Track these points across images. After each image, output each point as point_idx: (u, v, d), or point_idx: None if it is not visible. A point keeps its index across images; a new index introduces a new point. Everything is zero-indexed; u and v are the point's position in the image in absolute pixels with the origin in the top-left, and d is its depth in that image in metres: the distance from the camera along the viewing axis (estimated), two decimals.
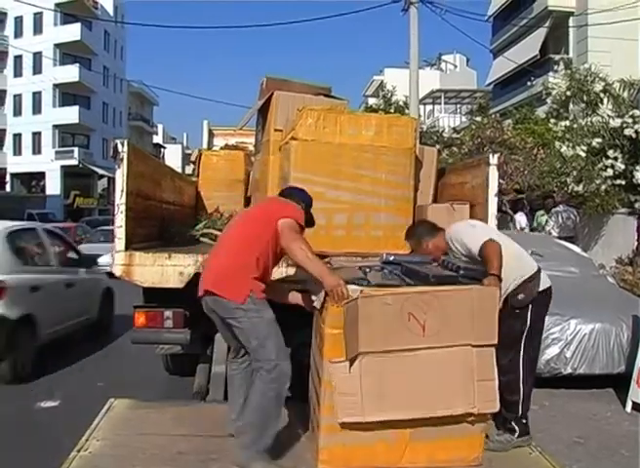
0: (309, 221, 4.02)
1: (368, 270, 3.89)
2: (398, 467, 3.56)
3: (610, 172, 11.75)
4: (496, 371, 3.55)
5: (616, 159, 11.69)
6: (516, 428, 4.11)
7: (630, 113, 11.54)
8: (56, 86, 47.09)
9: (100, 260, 9.19)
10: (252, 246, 3.70)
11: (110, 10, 50.59)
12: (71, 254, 9.09)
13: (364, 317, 3.34)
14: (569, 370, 6.39)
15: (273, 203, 4.16)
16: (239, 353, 3.98)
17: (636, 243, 11.79)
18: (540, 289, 4.10)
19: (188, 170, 29.97)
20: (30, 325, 6.96)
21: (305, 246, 3.57)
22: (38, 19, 46.81)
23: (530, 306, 4.05)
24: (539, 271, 4.14)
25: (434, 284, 3.49)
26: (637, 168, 11.45)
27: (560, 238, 10.51)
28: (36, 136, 48.12)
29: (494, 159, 4.79)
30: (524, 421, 4.15)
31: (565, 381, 6.46)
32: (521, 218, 13.47)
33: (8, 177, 46.78)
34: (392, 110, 24.84)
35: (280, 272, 4.39)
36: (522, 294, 4.01)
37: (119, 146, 4.54)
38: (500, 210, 5.08)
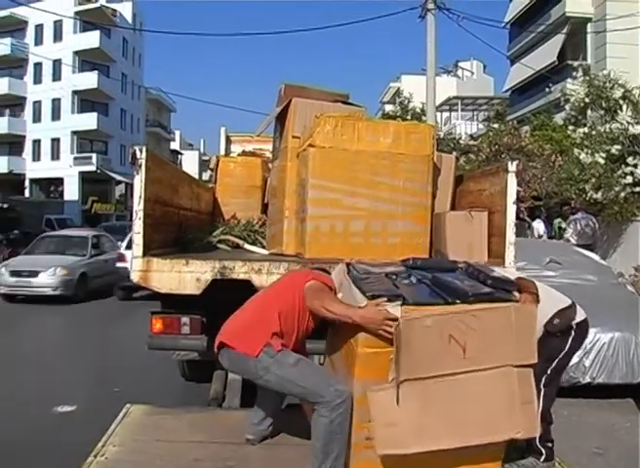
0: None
1: (395, 277, 3.69)
2: None
3: (629, 179, 11.66)
4: (535, 393, 3.42)
5: (635, 166, 11.61)
6: (543, 451, 4.03)
7: None
8: (75, 93, 47.53)
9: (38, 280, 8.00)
10: (274, 302, 3.61)
11: (129, 17, 51.04)
12: None
13: (405, 342, 3.17)
14: (587, 380, 6.32)
15: (301, 271, 4.05)
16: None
17: None
18: (577, 320, 4.02)
19: (205, 176, 30.13)
20: None
21: (328, 300, 3.43)
22: (58, 26, 47.31)
23: (572, 333, 3.98)
24: (573, 304, 4.07)
25: (472, 301, 3.32)
26: None
27: (578, 245, 10.42)
28: (55, 142, 48.54)
29: (512, 166, 4.75)
30: (550, 445, 4.05)
31: (583, 391, 6.38)
32: (539, 226, 13.38)
33: (27, 183, 47.18)
34: (409, 117, 24.81)
35: None
36: (557, 319, 3.92)
37: (138, 153, 4.56)
38: (517, 217, 5.03)
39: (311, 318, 3.61)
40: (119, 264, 14.26)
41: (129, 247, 20.36)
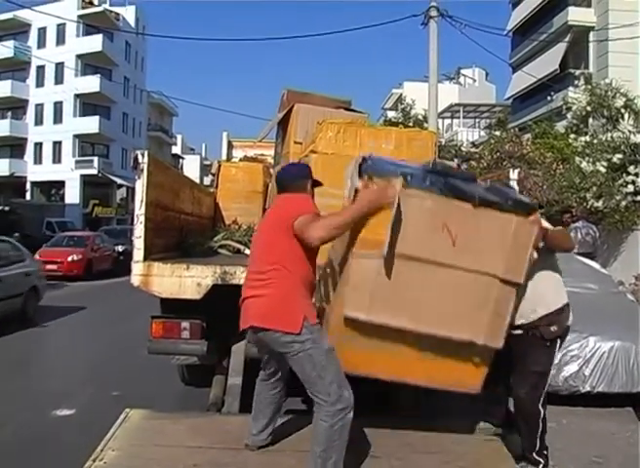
0: (316, 183, 3.92)
1: (409, 177, 3.47)
2: (395, 379, 3.57)
3: (630, 188, 11.66)
4: (511, 312, 3.45)
5: (636, 175, 11.62)
6: (540, 460, 4.06)
7: None
8: (77, 96, 47.59)
9: None
10: (288, 266, 3.47)
11: (132, 21, 51.17)
12: None
13: (400, 217, 3.23)
14: (587, 388, 6.31)
15: (282, 209, 3.70)
16: (274, 376, 3.90)
17: None
18: (568, 323, 4.03)
19: (207, 180, 30.14)
20: None
21: (329, 221, 3.38)
22: (61, 30, 47.40)
23: (559, 341, 3.98)
24: (568, 305, 4.05)
25: (476, 204, 3.34)
26: None
27: (579, 254, 10.40)
28: (57, 145, 48.58)
29: (514, 174, 4.78)
30: (545, 453, 4.09)
31: (583, 399, 6.37)
32: None
33: (28, 186, 47.20)
34: (411, 124, 24.83)
35: None
36: (555, 326, 3.92)
37: (139, 157, 4.57)
38: None
39: (313, 254, 3.56)
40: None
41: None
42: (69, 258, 19.98)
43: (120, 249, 22.52)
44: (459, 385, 3.62)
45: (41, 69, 48.36)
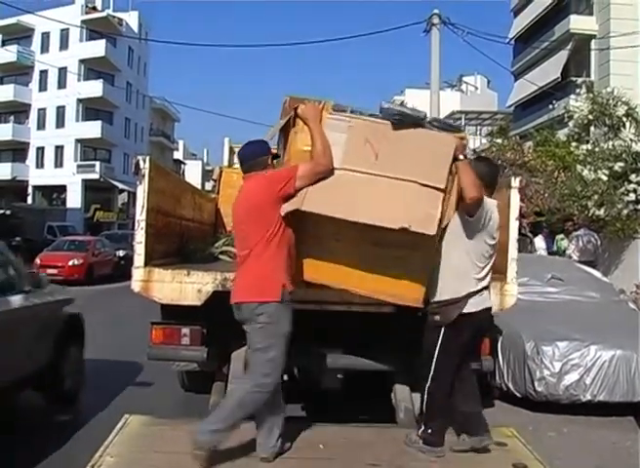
0: (275, 156, 4.20)
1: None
2: (344, 287, 3.95)
3: (632, 196, 11.66)
4: (440, 209, 3.70)
5: (638, 184, 11.60)
6: (421, 434, 4.11)
7: None
8: (79, 101, 47.75)
9: None
10: (275, 240, 3.77)
11: (135, 27, 51.30)
12: None
13: (330, 136, 3.89)
14: (588, 397, 6.28)
15: (265, 187, 3.92)
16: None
17: None
18: (465, 311, 4.02)
19: (208, 186, 30.17)
20: None
21: (307, 166, 3.86)
22: (64, 35, 47.60)
23: (444, 329, 4.03)
24: (467, 296, 4.04)
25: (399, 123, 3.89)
26: None
27: (580, 262, 10.40)
28: (59, 149, 48.70)
29: (515, 182, 4.75)
30: (429, 431, 4.10)
31: (584, 408, 6.35)
32: (540, 242, 13.36)
33: (30, 190, 47.22)
34: None
35: None
36: (438, 316, 4.03)
37: (141, 163, 4.57)
38: (519, 233, 5.03)
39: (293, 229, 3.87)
40: None
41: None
42: (70, 263, 19.96)
43: (121, 254, 22.49)
44: (400, 298, 3.93)
45: (44, 74, 48.51)
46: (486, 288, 4.12)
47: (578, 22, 27.46)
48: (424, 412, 4.13)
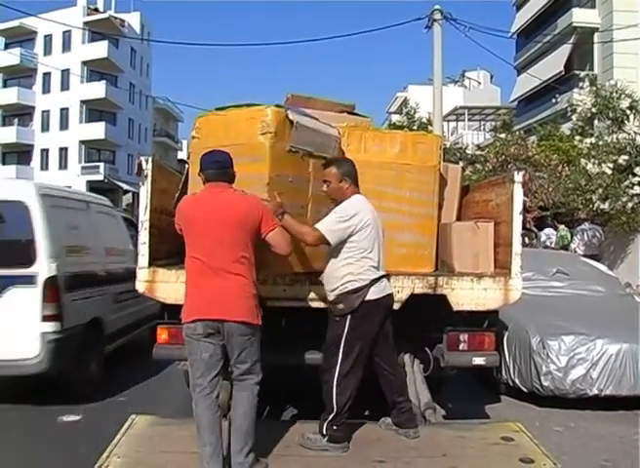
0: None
1: None
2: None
3: (637, 189, 11.63)
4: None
5: None
6: (325, 432, 4.08)
7: None
8: (83, 102, 47.83)
9: None
10: (250, 259, 3.78)
11: (137, 28, 51.36)
12: None
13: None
14: (595, 392, 6.27)
15: (243, 210, 3.83)
16: (212, 380, 3.97)
17: None
18: (367, 298, 4.07)
19: None
20: None
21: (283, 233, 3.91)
22: (67, 37, 47.69)
23: (349, 316, 4.06)
24: (370, 284, 4.09)
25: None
26: None
27: (585, 256, 10.39)
28: (63, 151, 48.80)
29: (519, 176, 4.73)
30: (334, 428, 4.07)
31: (591, 403, 6.34)
32: (551, 235, 13.35)
33: None
34: (416, 127, 24.82)
35: None
36: (342, 305, 4.08)
37: (143, 163, 4.58)
38: (524, 227, 5.03)
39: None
40: None
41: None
42: None
43: None
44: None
45: (47, 76, 48.62)
46: (385, 276, 4.22)
47: (580, 15, 27.39)
48: (332, 407, 4.06)
